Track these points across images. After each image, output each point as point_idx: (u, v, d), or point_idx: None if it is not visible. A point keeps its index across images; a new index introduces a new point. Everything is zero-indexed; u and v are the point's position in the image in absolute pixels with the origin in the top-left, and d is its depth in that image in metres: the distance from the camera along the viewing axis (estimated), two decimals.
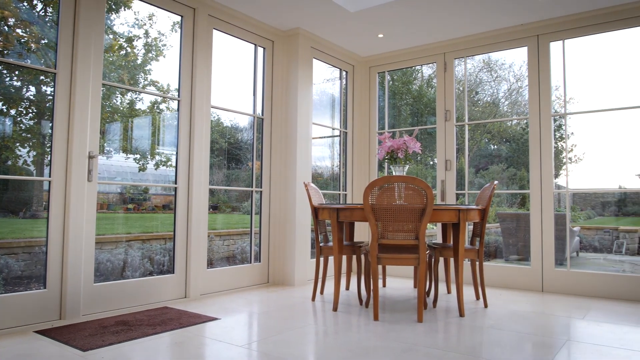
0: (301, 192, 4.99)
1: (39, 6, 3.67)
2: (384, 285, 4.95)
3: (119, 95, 4.36)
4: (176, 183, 4.19)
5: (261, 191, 5.03)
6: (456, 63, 5.48)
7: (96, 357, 2.58)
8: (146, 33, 4.39)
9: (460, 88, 5.52)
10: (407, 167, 4.08)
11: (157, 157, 4.58)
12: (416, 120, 8.78)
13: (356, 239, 5.82)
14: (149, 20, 4.35)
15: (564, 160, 5.11)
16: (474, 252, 3.96)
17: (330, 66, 5.82)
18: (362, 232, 5.93)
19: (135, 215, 4.79)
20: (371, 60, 6.04)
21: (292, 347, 2.81)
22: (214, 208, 5.75)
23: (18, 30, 3.49)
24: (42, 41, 3.58)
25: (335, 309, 3.78)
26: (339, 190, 5.96)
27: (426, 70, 9.00)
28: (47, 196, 3.36)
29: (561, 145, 5.84)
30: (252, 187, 4.99)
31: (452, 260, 4.90)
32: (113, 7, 4.14)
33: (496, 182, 4.01)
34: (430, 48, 5.52)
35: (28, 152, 3.72)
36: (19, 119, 3.69)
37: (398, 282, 5.19)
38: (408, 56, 5.74)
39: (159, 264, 4.56)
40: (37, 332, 3.05)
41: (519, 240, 6.49)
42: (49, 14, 3.67)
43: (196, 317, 3.49)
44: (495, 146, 9.16)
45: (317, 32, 5.23)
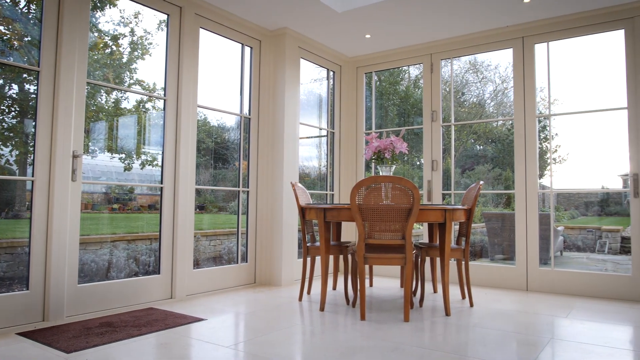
0: (288, 192, 4.98)
1: (22, 3, 3.62)
2: (371, 284, 4.97)
3: (104, 94, 4.31)
4: (162, 183, 4.16)
5: (248, 191, 5.02)
6: (443, 64, 5.52)
7: (80, 359, 2.55)
8: (132, 31, 4.35)
9: (446, 89, 5.56)
10: (394, 167, 4.09)
11: (143, 157, 4.54)
12: (403, 120, 8.83)
13: (343, 239, 5.83)
14: (135, 18, 4.31)
15: (549, 160, 5.18)
16: (460, 252, 3.99)
17: (317, 66, 5.82)
18: (349, 232, 5.94)
19: (120, 215, 4.75)
20: (358, 60, 6.05)
21: (279, 348, 2.81)
22: (201, 208, 5.72)
23: (0, 27, 3.43)
24: (25, 39, 3.52)
25: (322, 309, 3.79)
26: (326, 190, 5.97)
27: (413, 70, 9.05)
28: (30, 196, 3.31)
29: (546, 145, 5.91)
30: (239, 187, 4.97)
31: (439, 259, 4.93)
32: (98, 5, 4.09)
33: (482, 183, 4.05)
34: (417, 49, 5.56)
35: (11, 152, 3.67)
36: (1, 118, 3.64)
37: (385, 282, 5.21)
38: (395, 57, 5.77)
39: (145, 265, 4.52)
40: (20, 334, 3.00)
41: (504, 239, 6.56)
42: (33, 11, 3.61)
43: (182, 318, 3.47)
44: (481, 147, 9.24)
45: (305, 32, 5.23)
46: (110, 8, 4.15)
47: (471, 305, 3.99)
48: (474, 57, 8.71)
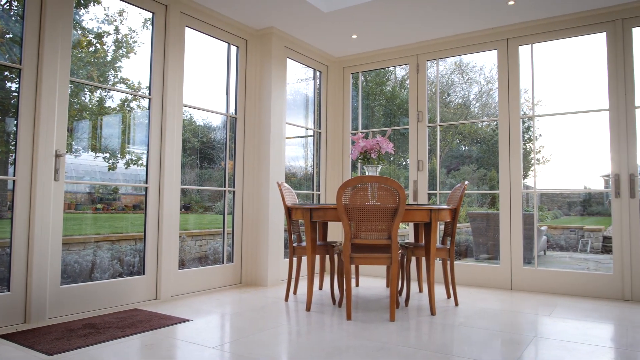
0: (274, 192, 4.97)
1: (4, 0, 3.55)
2: (357, 284, 4.98)
3: (88, 92, 4.26)
4: (147, 182, 4.12)
5: (234, 191, 4.99)
6: (428, 65, 5.56)
7: None
8: (116, 29, 4.30)
9: (432, 89, 5.60)
10: (380, 168, 4.11)
11: (128, 156, 4.49)
12: (389, 121, 8.86)
13: (329, 239, 5.83)
14: (120, 16, 4.26)
15: (532, 161, 5.24)
16: (445, 252, 4.02)
17: (304, 66, 5.82)
18: (336, 232, 5.95)
19: (104, 215, 4.69)
20: (345, 60, 6.06)
21: (265, 348, 2.80)
22: (186, 208, 5.68)
23: None
24: (7, 36, 3.46)
25: (308, 309, 3.78)
26: (313, 190, 5.97)
27: (399, 71, 9.09)
28: (12, 196, 3.25)
29: (530, 146, 5.98)
30: (225, 187, 4.95)
31: (424, 259, 4.96)
32: (82, 2, 4.04)
33: (467, 183, 4.08)
34: (403, 49, 5.58)
35: None
36: None
37: (371, 282, 5.22)
38: (381, 57, 5.79)
39: (129, 265, 4.47)
40: (1, 337, 2.95)
41: (489, 239, 6.62)
42: (14, 8, 3.55)
43: (167, 319, 3.44)
44: (466, 147, 9.33)
45: (291, 32, 5.22)
46: (94, 5, 4.10)
47: (456, 304, 4.02)
48: (460, 58, 8.79)
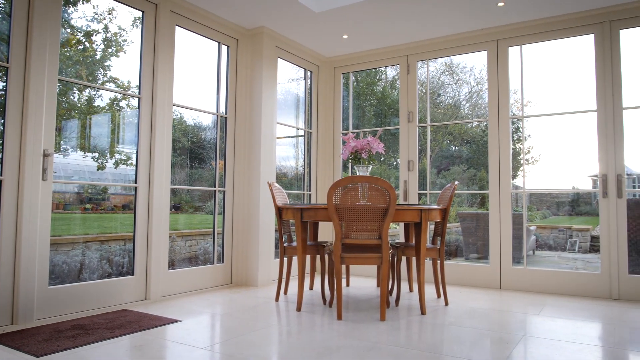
0: (265, 192, 4.96)
1: None
2: (348, 284, 4.99)
3: (77, 91, 4.22)
4: (136, 182, 4.09)
5: (224, 191, 4.98)
6: (419, 65, 5.58)
7: None
8: (106, 28, 4.26)
9: (422, 90, 5.63)
10: (371, 168, 4.12)
11: (117, 156, 4.46)
12: (380, 121, 8.88)
13: (320, 239, 5.83)
14: (109, 14, 4.23)
15: (522, 161, 5.29)
16: (435, 251, 4.04)
17: (295, 66, 5.81)
18: (326, 232, 5.95)
19: (93, 215, 4.65)
20: (336, 60, 6.07)
21: (256, 348, 2.79)
22: (176, 208, 5.64)
23: None
24: None
25: (299, 309, 3.78)
26: (304, 190, 5.96)
27: (390, 71, 9.12)
28: None
29: (519, 147, 6.03)
30: (216, 187, 4.93)
31: (414, 259, 4.98)
32: (70, 0, 4.00)
33: (457, 183, 4.10)
34: (393, 50, 5.60)
35: None
36: None
37: (361, 281, 5.23)
38: (372, 57, 5.80)
39: (118, 266, 4.43)
40: None
41: (479, 239, 6.67)
42: (2, 5, 3.51)
43: (157, 320, 3.42)
44: (456, 147, 9.37)
45: (282, 32, 5.21)
46: (83, 4, 4.06)
47: (446, 303, 4.04)
48: (450, 59, 8.83)
